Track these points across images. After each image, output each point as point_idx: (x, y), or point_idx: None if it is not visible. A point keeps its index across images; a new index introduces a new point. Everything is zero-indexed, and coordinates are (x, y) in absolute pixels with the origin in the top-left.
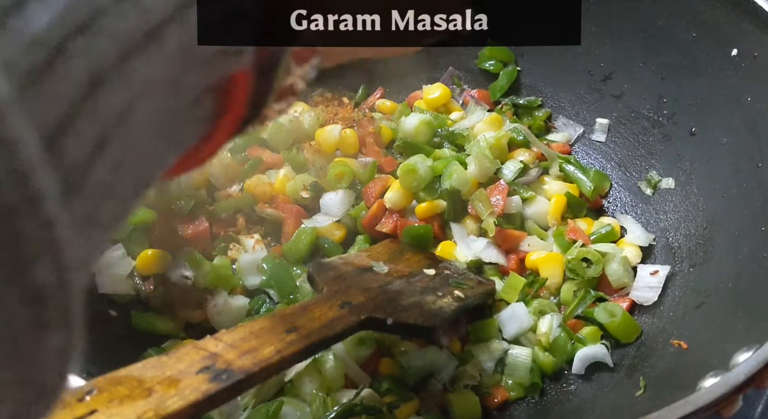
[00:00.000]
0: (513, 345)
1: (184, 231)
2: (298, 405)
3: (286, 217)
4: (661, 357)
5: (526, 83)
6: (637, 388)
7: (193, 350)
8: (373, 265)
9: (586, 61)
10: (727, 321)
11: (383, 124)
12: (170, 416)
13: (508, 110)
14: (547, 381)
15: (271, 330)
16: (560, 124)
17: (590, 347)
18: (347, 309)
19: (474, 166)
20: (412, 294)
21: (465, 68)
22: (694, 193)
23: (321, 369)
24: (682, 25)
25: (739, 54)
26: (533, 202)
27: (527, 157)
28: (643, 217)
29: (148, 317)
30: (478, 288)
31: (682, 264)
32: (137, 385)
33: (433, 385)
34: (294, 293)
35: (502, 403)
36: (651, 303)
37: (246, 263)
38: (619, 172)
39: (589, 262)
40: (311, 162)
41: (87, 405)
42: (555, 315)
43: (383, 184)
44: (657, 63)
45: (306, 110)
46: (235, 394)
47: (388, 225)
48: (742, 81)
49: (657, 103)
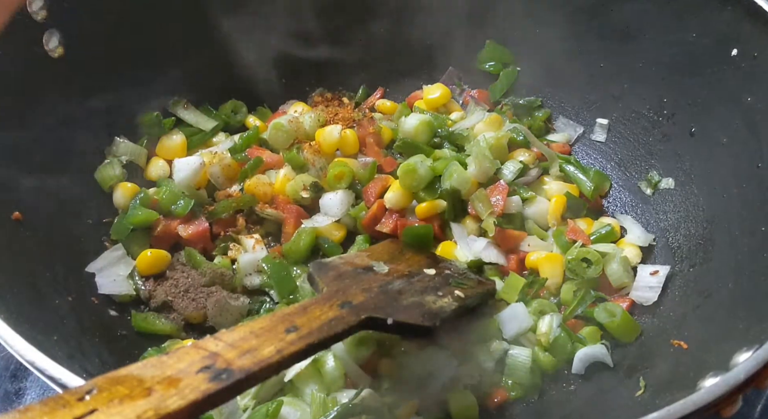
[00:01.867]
0: (513, 345)
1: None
2: (298, 405)
3: (286, 217)
4: (661, 357)
5: (526, 83)
6: (637, 388)
7: (193, 350)
8: (374, 265)
9: (587, 61)
10: (727, 321)
11: (383, 124)
12: (170, 415)
13: (508, 110)
14: (547, 381)
15: (271, 329)
16: (560, 124)
17: (590, 347)
18: (347, 309)
19: (474, 166)
20: (413, 294)
21: (465, 68)
22: (694, 193)
23: (321, 369)
24: (682, 25)
25: (739, 54)
26: (533, 202)
27: (527, 157)
28: (643, 217)
29: (148, 317)
30: (479, 288)
31: (682, 264)
32: (137, 384)
33: (433, 385)
34: (294, 293)
35: (502, 403)
36: (651, 303)
37: (246, 263)
38: (619, 172)
39: (589, 262)
40: (311, 162)
41: (87, 404)
42: (555, 315)
43: (383, 184)
44: (657, 63)
45: (306, 110)
46: (235, 394)
47: (388, 225)
48: (742, 81)
49: (657, 103)
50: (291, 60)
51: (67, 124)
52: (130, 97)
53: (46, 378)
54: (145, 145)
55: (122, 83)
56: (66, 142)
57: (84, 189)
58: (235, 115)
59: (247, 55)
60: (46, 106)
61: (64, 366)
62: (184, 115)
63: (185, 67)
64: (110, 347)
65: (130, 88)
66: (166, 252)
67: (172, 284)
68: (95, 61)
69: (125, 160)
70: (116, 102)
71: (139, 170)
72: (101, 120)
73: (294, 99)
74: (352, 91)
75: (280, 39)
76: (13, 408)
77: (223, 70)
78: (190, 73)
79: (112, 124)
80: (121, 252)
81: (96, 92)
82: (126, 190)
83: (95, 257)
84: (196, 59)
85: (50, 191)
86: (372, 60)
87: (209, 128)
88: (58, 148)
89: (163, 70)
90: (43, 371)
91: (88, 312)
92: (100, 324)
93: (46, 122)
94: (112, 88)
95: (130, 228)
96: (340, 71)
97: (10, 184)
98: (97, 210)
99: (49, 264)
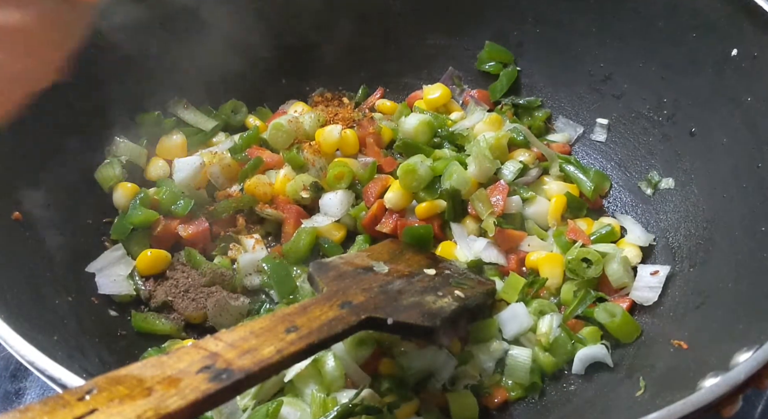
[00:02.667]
0: (513, 346)
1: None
2: (298, 405)
3: (286, 217)
4: (661, 357)
5: (526, 83)
6: (637, 388)
7: (193, 349)
8: (374, 265)
9: (586, 61)
10: (727, 321)
11: (383, 124)
12: (170, 415)
13: (508, 110)
14: (547, 381)
15: (271, 329)
16: (560, 124)
17: (590, 347)
18: (347, 309)
19: (474, 166)
20: (413, 294)
21: (465, 68)
22: (694, 193)
23: (321, 369)
24: (682, 25)
25: (739, 54)
26: (533, 202)
27: (527, 157)
28: (643, 217)
29: (148, 317)
30: (479, 288)
31: (682, 264)
32: (137, 384)
33: (433, 385)
34: (294, 293)
35: (502, 403)
36: (651, 303)
37: (246, 263)
38: (619, 172)
39: (589, 262)
40: (311, 162)
41: (87, 404)
42: (555, 316)
43: (383, 184)
44: (657, 63)
45: (306, 110)
46: (235, 394)
47: (388, 225)
48: (742, 81)
49: (657, 103)
50: (291, 60)
51: (67, 123)
52: (130, 97)
53: (46, 378)
54: (145, 145)
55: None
56: (66, 141)
57: (84, 189)
58: (235, 115)
59: (248, 55)
60: (46, 105)
61: (64, 366)
62: (184, 115)
63: (185, 67)
64: (110, 347)
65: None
66: (166, 252)
67: (172, 284)
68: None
69: (125, 160)
70: (116, 101)
71: (139, 170)
72: (101, 119)
73: (294, 99)
74: (352, 91)
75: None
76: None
77: (224, 70)
78: (190, 72)
79: (112, 123)
80: (121, 252)
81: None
82: (126, 190)
83: (95, 257)
84: (196, 59)
85: (50, 191)
86: (372, 60)
87: (209, 128)
88: (57, 147)
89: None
90: (43, 371)
91: (88, 312)
92: (100, 324)
93: (46, 121)
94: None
95: (130, 229)
96: (340, 71)
97: (10, 184)
98: (97, 210)
99: (49, 264)
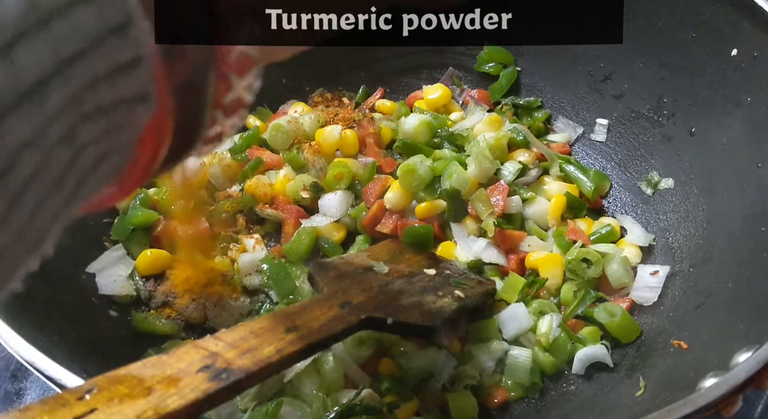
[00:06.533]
0: (513, 346)
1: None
2: (298, 405)
3: (286, 217)
4: (661, 357)
5: (526, 83)
6: (637, 388)
7: (193, 349)
8: (374, 265)
9: (586, 61)
10: (727, 321)
11: (383, 124)
12: (170, 415)
13: (508, 111)
14: (547, 381)
15: (271, 329)
16: (560, 125)
17: (590, 347)
18: (347, 308)
19: (474, 166)
20: (413, 294)
21: (465, 68)
22: (694, 193)
23: (321, 370)
24: (682, 25)
25: (739, 54)
26: (533, 202)
27: (527, 158)
28: (643, 217)
29: (148, 317)
30: (479, 288)
31: (682, 264)
32: (137, 384)
33: (433, 385)
34: (294, 293)
35: (502, 403)
36: (651, 303)
37: (246, 263)
38: (619, 172)
39: (589, 263)
40: (311, 162)
41: (87, 403)
42: (555, 316)
43: (383, 184)
44: (657, 63)
45: (306, 111)
46: (234, 393)
47: (388, 226)
48: (742, 81)
49: (657, 103)
50: (291, 60)
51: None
52: None
53: (46, 378)
54: None
55: None
56: None
57: None
58: None
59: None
60: None
61: (64, 366)
62: None
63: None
64: (110, 347)
65: None
66: (166, 252)
67: (172, 284)
68: None
69: None
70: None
71: None
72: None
73: (294, 99)
74: (352, 91)
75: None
76: (13, 408)
77: None
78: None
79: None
80: (121, 253)
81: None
82: None
83: (95, 257)
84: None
85: None
86: (372, 60)
87: None
88: None
89: None
90: (43, 371)
91: (88, 313)
92: (101, 325)
93: None
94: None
95: (130, 229)
96: (340, 71)
97: None
98: (97, 210)
99: (50, 264)
